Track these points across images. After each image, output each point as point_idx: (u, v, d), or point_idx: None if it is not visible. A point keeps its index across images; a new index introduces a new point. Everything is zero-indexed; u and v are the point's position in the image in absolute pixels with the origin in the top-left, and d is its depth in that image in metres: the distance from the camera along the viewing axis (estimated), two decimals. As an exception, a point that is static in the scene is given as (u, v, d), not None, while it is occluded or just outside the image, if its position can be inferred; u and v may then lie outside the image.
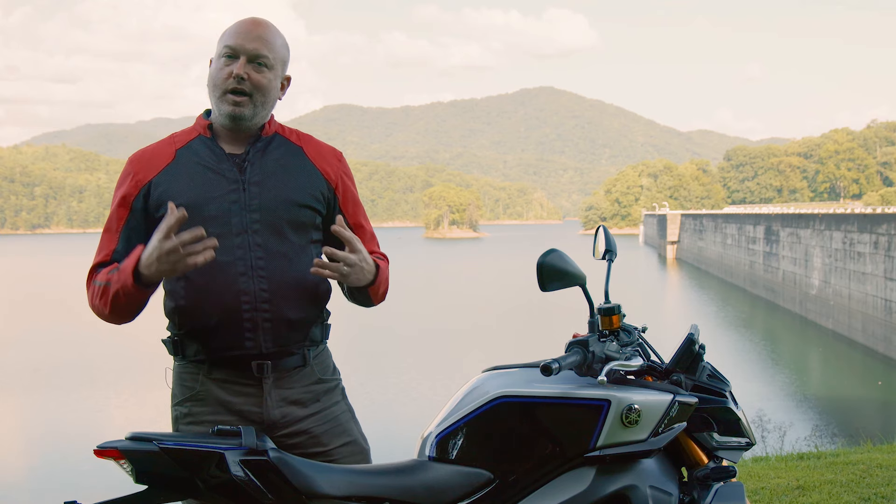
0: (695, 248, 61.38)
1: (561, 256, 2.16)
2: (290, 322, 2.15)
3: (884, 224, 23.60)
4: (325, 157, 2.27)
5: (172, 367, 2.24)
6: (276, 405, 2.15)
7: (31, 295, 43.07)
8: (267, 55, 2.14)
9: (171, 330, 2.20)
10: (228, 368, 2.14)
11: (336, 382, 2.29)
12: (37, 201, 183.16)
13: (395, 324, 27.47)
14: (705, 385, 2.18)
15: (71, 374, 21.14)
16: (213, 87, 2.16)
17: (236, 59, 2.13)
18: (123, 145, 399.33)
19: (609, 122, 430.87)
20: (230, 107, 2.13)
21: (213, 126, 2.20)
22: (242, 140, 2.19)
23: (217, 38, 2.22)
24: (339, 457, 2.21)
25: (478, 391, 2.06)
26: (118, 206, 2.17)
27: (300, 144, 2.25)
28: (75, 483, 11.57)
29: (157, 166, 2.16)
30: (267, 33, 2.16)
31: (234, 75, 2.12)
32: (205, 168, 2.15)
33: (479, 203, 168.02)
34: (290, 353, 2.17)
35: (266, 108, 2.18)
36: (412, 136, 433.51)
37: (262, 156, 2.19)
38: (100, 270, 2.14)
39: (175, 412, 2.20)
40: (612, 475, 2.03)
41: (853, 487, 4.60)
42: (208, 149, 2.17)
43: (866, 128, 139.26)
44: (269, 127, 2.23)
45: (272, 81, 2.17)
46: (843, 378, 22.43)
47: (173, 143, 2.21)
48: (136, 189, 2.15)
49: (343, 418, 2.26)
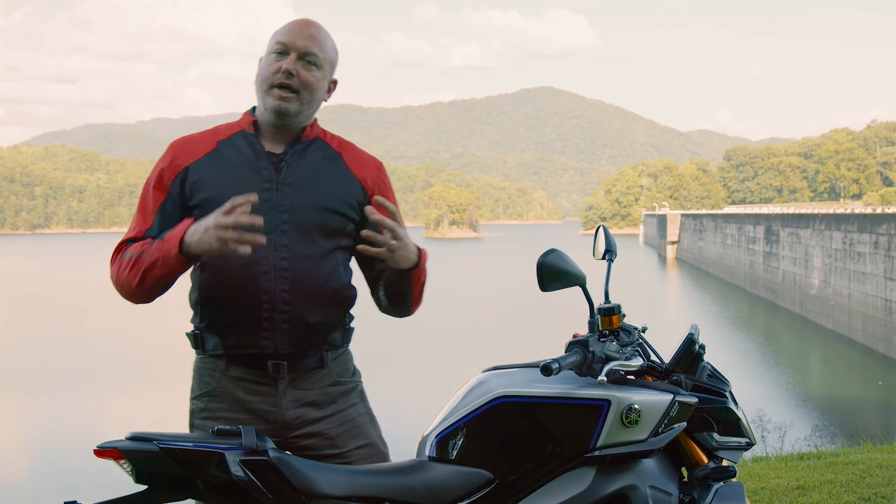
0: (695, 248, 61.37)
1: (561, 256, 2.16)
2: (309, 325, 2.14)
3: (884, 224, 23.59)
4: (364, 165, 2.27)
5: (193, 361, 2.25)
6: (290, 406, 2.15)
7: (31, 295, 43.06)
8: (317, 54, 2.16)
9: (194, 322, 2.21)
10: (245, 366, 2.14)
11: (354, 385, 2.28)
12: (37, 201, 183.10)
13: (395, 324, 27.38)
14: (705, 385, 2.17)
15: (71, 375, 21.13)
16: (260, 82, 2.17)
17: (287, 56, 2.14)
18: (123, 145, 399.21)
19: (609, 122, 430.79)
20: (276, 101, 2.13)
21: (257, 123, 2.21)
22: (283, 140, 2.20)
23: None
24: (354, 459, 2.19)
25: (478, 391, 2.06)
26: (154, 188, 2.17)
27: (339, 151, 2.25)
28: (75, 483, 11.56)
29: (197, 153, 2.17)
30: (319, 33, 2.18)
31: (283, 70, 2.13)
32: (242, 163, 2.16)
33: (479, 203, 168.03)
34: (307, 355, 2.17)
35: (312, 107, 2.19)
36: (412, 136, 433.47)
37: (300, 158, 2.19)
38: (129, 245, 2.13)
39: (192, 406, 2.21)
40: (612, 475, 2.03)
41: (853, 487, 4.60)
42: (249, 144, 2.18)
43: (866, 128, 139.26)
44: (311, 130, 2.23)
45: (320, 81, 2.18)
46: (843, 378, 22.43)
47: (216, 134, 2.22)
48: (173, 173, 2.16)
49: (360, 420, 2.25)
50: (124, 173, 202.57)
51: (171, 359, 22.53)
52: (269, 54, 2.17)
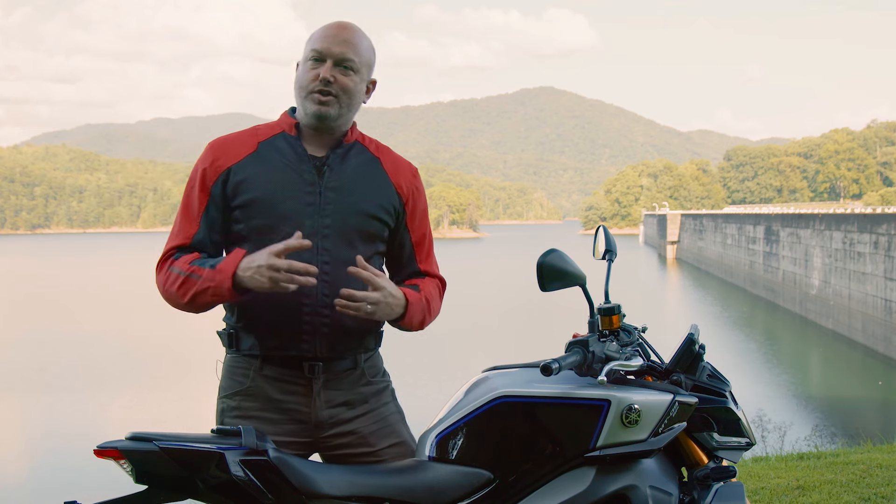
0: (695, 248, 61.36)
1: (561, 256, 2.16)
2: (348, 329, 2.15)
3: (884, 224, 23.59)
4: (400, 171, 2.27)
5: (224, 359, 2.24)
6: (324, 406, 2.16)
7: (31, 295, 43.03)
8: (353, 59, 2.15)
9: (228, 321, 2.20)
10: (281, 366, 2.15)
11: (386, 384, 2.30)
12: (37, 201, 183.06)
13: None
14: (705, 385, 2.18)
15: (71, 375, 21.12)
16: (299, 89, 2.17)
17: (323, 63, 2.14)
18: (123, 145, 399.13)
19: (609, 122, 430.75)
20: (316, 105, 2.13)
21: (299, 125, 2.20)
22: (325, 144, 2.20)
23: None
24: (387, 458, 2.20)
25: (478, 391, 2.06)
26: (198, 190, 2.16)
27: (378, 155, 2.26)
28: (75, 483, 11.55)
29: (239, 154, 2.17)
30: (353, 37, 2.17)
31: (320, 78, 2.12)
32: (285, 165, 2.15)
33: (479, 203, 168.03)
34: (342, 357, 2.18)
35: (351, 111, 2.19)
36: (412, 136, 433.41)
37: (342, 162, 2.19)
38: (178, 255, 2.13)
39: (222, 404, 2.20)
40: (612, 475, 2.03)
41: (853, 487, 4.60)
42: (290, 147, 2.18)
43: (866, 128, 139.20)
44: (351, 134, 2.23)
45: (358, 84, 2.18)
46: (843, 378, 22.43)
47: (255, 135, 2.21)
48: (215, 174, 2.15)
49: (392, 419, 2.26)
50: (124, 173, 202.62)
51: (171, 359, 22.54)
52: (305, 61, 2.17)
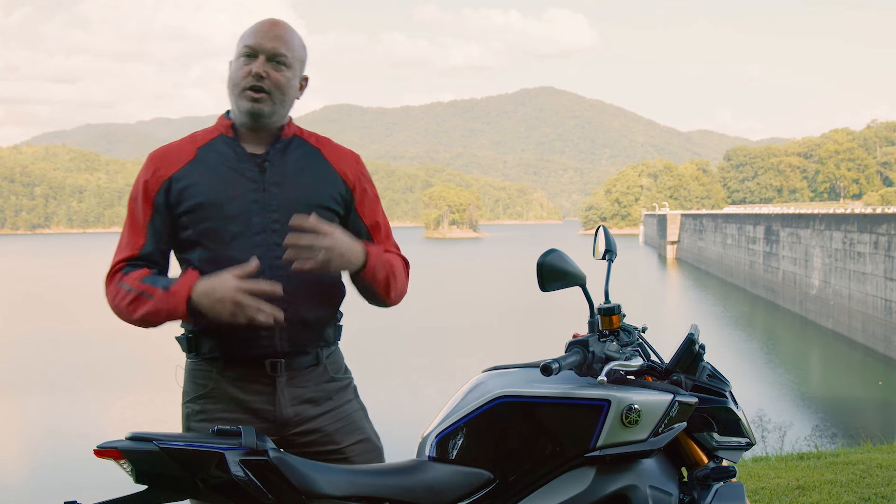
0: (695, 248, 61.36)
1: (561, 256, 2.16)
2: (307, 322, 2.17)
3: (884, 224, 23.59)
4: (343, 160, 2.28)
5: (184, 364, 2.25)
6: (288, 403, 2.17)
7: (31, 295, 43.05)
8: (285, 54, 2.17)
9: (186, 327, 2.20)
10: (242, 367, 2.16)
11: (348, 381, 2.31)
12: (37, 201, 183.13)
13: (394, 324, 27.42)
14: (705, 385, 2.18)
15: (71, 375, 21.13)
16: (232, 87, 2.18)
17: (255, 59, 2.15)
18: (123, 145, 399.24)
19: (609, 122, 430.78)
20: (249, 103, 2.14)
21: (235, 126, 2.22)
22: (263, 140, 2.21)
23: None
24: (352, 455, 2.22)
25: (478, 391, 2.06)
26: (142, 202, 2.18)
27: (318, 146, 2.27)
28: (75, 483, 11.55)
29: (178, 162, 2.18)
30: (285, 33, 2.19)
31: (253, 73, 2.14)
32: (226, 167, 2.17)
33: (479, 203, 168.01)
34: (304, 353, 2.19)
35: (285, 107, 2.20)
36: (412, 136, 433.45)
37: (283, 157, 2.21)
38: (127, 270, 2.14)
39: (186, 409, 2.21)
40: (612, 475, 2.03)
41: (853, 487, 4.60)
42: (230, 148, 2.19)
43: (866, 128, 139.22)
44: (289, 128, 2.25)
45: (291, 80, 2.19)
46: (843, 378, 22.43)
47: (194, 141, 2.22)
48: (157, 184, 2.16)
49: (356, 416, 2.28)
50: (124, 173, 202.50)
51: (171, 359, 22.52)
52: (237, 58, 2.18)
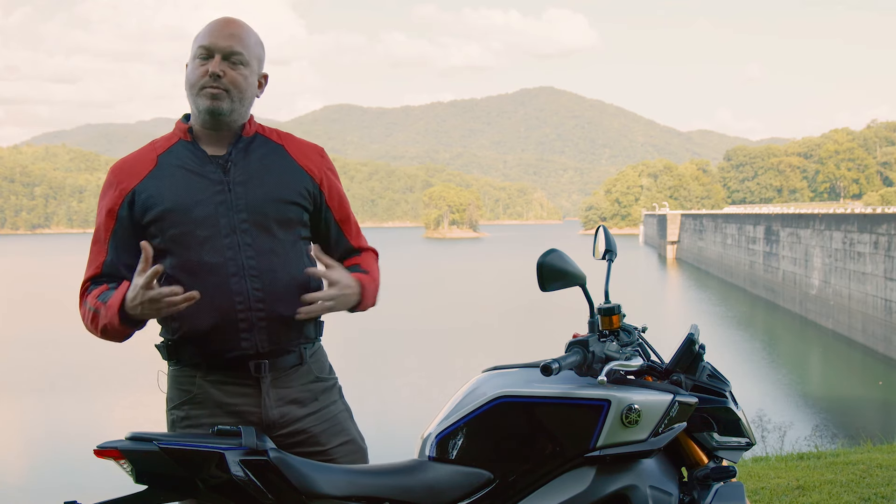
0: (695, 248, 61.36)
1: (561, 256, 2.16)
2: (285, 320, 2.15)
3: (884, 224, 23.59)
4: (307, 155, 2.27)
5: (167, 371, 2.24)
6: (274, 405, 2.15)
7: (31, 294, 43.04)
8: (241, 52, 2.14)
9: (165, 335, 2.20)
10: (225, 370, 2.14)
11: (333, 381, 2.30)
12: (37, 201, 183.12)
13: (394, 324, 27.43)
14: (705, 385, 2.18)
15: (71, 375, 21.14)
16: (190, 87, 2.16)
17: (211, 58, 2.13)
18: (123, 145, 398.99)
19: (609, 122, 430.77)
20: (207, 101, 2.12)
21: (192, 129, 2.20)
22: (224, 141, 2.19)
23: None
24: (337, 456, 2.21)
25: (478, 391, 2.06)
26: (105, 217, 2.18)
27: (281, 143, 2.26)
28: (75, 483, 11.56)
29: (140, 173, 2.17)
30: (240, 31, 2.16)
31: (209, 73, 2.12)
32: (188, 171, 2.15)
33: (479, 203, 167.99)
34: (286, 352, 2.18)
35: (244, 105, 2.18)
36: (412, 136, 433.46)
37: (245, 156, 2.19)
38: (92, 288, 2.16)
39: (171, 416, 2.20)
40: (612, 475, 2.03)
41: (853, 487, 4.60)
42: (190, 152, 2.17)
43: (866, 128, 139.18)
44: (250, 127, 2.23)
45: (248, 78, 2.17)
46: (843, 378, 22.43)
47: (154, 149, 2.21)
48: (120, 198, 2.16)
49: (341, 417, 2.27)
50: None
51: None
52: (193, 59, 2.16)
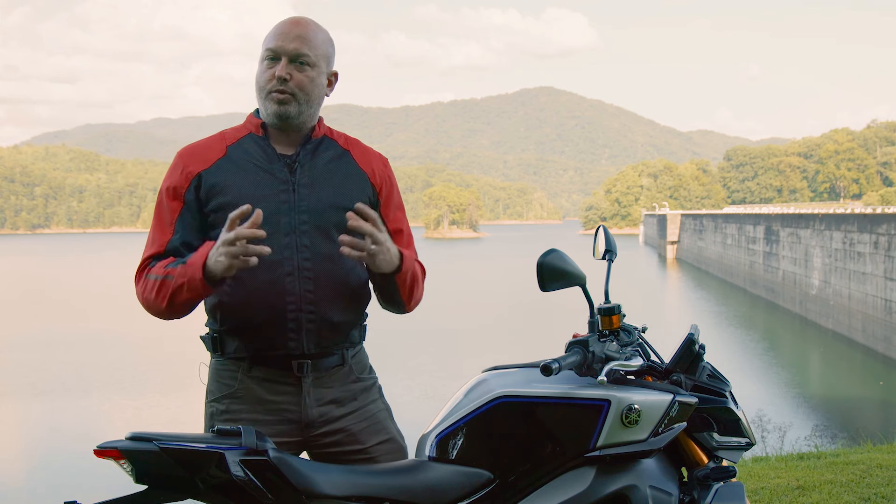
0: (695, 248, 61.36)
1: (561, 256, 2.16)
2: (333, 324, 2.16)
3: (884, 224, 23.60)
4: (371, 161, 2.28)
5: (209, 363, 2.24)
6: (314, 404, 2.16)
7: (31, 295, 43.04)
8: (308, 53, 2.14)
9: (212, 326, 2.19)
10: (269, 367, 2.15)
11: (373, 381, 2.30)
12: (37, 201, 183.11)
13: (394, 324, 27.43)
14: (705, 385, 2.18)
15: (71, 374, 21.14)
16: (258, 90, 2.18)
17: (278, 61, 2.14)
18: (123, 145, 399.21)
19: (609, 122, 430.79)
20: (275, 105, 2.14)
21: (265, 125, 2.21)
22: (293, 141, 2.20)
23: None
24: (376, 454, 2.21)
25: (478, 391, 2.06)
26: (170, 199, 2.16)
27: (347, 148, 2.27)
28: (75, 483, 11.56)
29: (209, 160, 2.17)
30: (307, 31, 2.16)
31: (276, 77, 2.13)
32: (255, 166, 2.16)
33: (479, 203, 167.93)
34: (330, 353, 2.18)
35: (312, 107, 2.18)
36: (412, 136, 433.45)
37: (312, 158, 2.20)
38: (154, 263, 2.13)
39: (210, 409, 2.20)
40: (612, 475, 2.03)
41: (853, 487, 4.60)
42: (259, 147, 2.18)
43: (866, 128, 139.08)
44: (319, 129, 2.24)
45: (315, 79, 2.17)
46: (843, 378, 22.44)
47: (223, 139, 2.21)
48: (186, 181, 2.15)
49: (380, 416, 2.27)
50: (124, 173, 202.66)
51: (171, 359, 22.54)
52: (261, 61, 2.18)
